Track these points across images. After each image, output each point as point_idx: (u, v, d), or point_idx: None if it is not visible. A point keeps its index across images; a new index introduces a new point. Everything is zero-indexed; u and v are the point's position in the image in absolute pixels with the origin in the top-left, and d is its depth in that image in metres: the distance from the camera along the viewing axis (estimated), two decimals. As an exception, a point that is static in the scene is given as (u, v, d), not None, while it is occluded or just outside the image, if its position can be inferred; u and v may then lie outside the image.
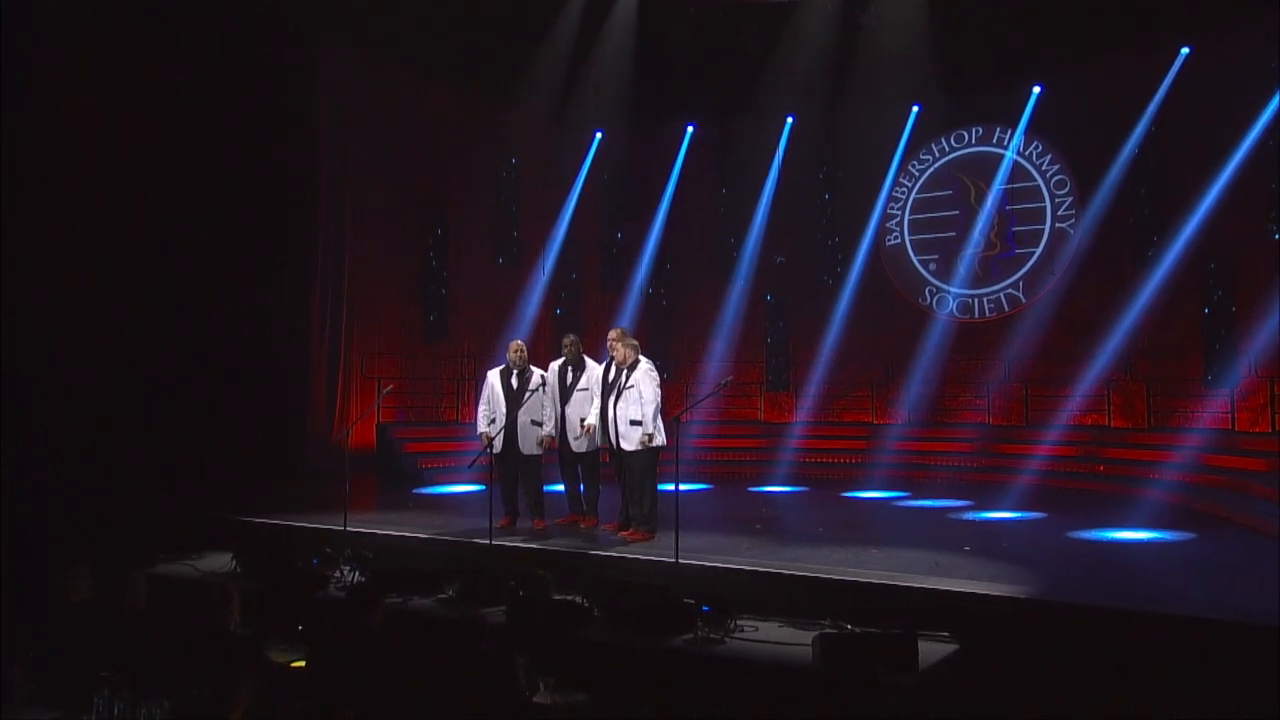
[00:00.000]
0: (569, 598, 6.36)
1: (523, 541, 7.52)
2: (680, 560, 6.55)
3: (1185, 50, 12.25)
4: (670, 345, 15.45)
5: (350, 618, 4.95)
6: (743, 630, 5.75)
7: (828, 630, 5.51)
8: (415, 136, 13.25)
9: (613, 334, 8.01)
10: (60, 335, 9.86)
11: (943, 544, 7.65)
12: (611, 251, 15.81)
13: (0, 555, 6.27)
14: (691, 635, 5.69)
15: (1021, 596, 5.82)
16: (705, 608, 5.79)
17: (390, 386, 9.20)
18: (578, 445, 8.14)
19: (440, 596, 6.67)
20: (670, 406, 9.24)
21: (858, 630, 5.49)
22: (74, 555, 5.89)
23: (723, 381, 7.19)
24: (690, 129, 15.40)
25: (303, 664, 4.90)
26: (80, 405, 9.93)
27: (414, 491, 10.98)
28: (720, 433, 14.09)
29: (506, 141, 14.61)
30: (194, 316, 11.10)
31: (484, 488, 8.39)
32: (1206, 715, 4.68)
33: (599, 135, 15.21)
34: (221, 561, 7.58)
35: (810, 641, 5.26)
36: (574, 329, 11.48)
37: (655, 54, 13.68)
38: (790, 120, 14.90)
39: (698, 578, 6.46)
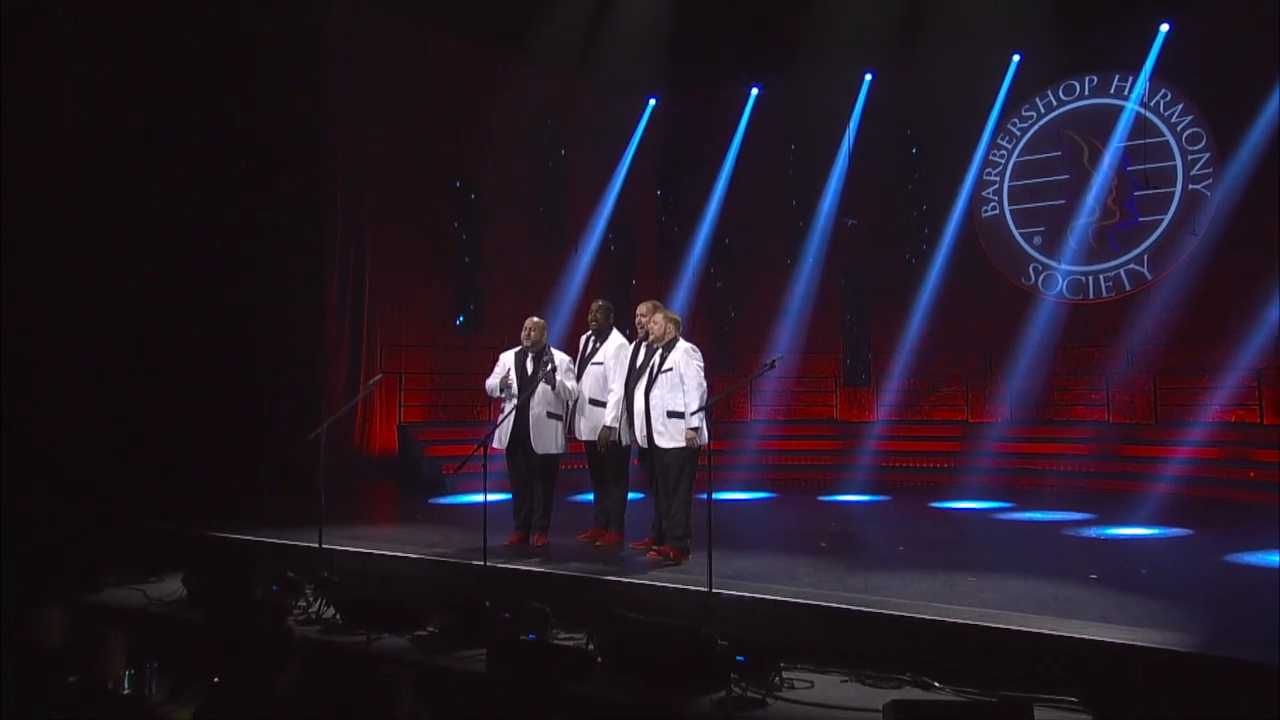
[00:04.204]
0: (572, 637, 5.30)
1: (525, 564, 6.38)
2: (715, 589, 5.32)
3: (1354, -33, 10.55)
4: (735, 335, 14.68)
5: (249, 672, 3.84)
6: (793, 687, 4.66)
7: (907, 692, 4.51)
8: (442, 103, 12.45)
9: (643, 307, 6.84)
10: (33, 327, 9.25)
11: (1061, 570, 6.45)
12: (661, 219, 15.03)
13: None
14: (723, 693, 4.55)
15: (1178, 649, 4.49)
16: (741, 657, 4.55)
17: (378, 377, 8.25)
18: (587, 433, 7.01)
19: (419, 634, 5.57)
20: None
21: (949, 692, 4.50)
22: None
23: (768, 363, 5.91)
24: (754, 92, 14.52)
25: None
26: (60, 408, 9.38)
27: (430, 501, 10.02)
28: (788, 433, 13.27)
29: (549, 110, 13.89)
30: (195, 307, 10.51)
31: (510, 496, 7.43)
32: None
33: (652, 102, 14.52)
34: (177, 585, 6.60)
35: (881, 707, 4.11)
36: (622, 314, 10.42)
37: (712, 8, 12.60)
38: (869, 77, 13.95)
39: (736, 613, 5.31)
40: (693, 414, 6.19)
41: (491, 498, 9.61)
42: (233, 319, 10.78)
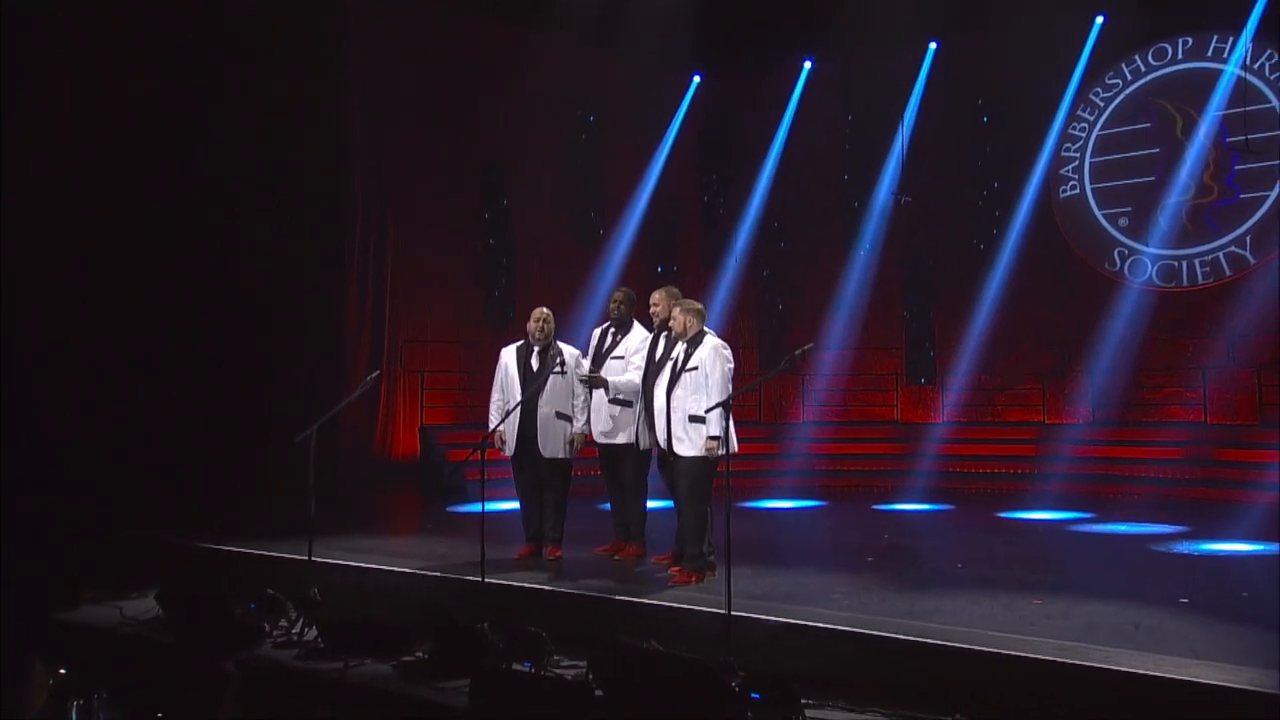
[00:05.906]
0: (575, 665, 4.93)
1: (527, 581, 6.00)
2: (735, 612, 4.90)
3: None
4: (784, 328, 14.27)
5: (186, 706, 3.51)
6: (819, 729, 4.28)
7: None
8: (467, 83, 12.19)
9: (657, 295, 6.50)
10: (33, 327, 9.24)
11: (1145, 593, 6.01)
12: (705, 201, 14.72)
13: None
14: (737, 735, 4.15)
15: (1286, 693, 3.97)
16: (756, 694, 4.12)
17: (375, 374, 8.02)
18: (604, 435, 6.72)
19: (405, 660, 5.24)
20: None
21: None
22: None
23: (797, 352, 5.45)
24: (807, 65, 14.11)
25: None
26: (60, 411, 9.35)
27: (449, 509, 9.80)
28: (842, 435, 12.93)
29: (583, 87, 13.58)
30: (202, 306, 10.39)
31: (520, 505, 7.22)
32: None
33: (697, 78, 14.28)
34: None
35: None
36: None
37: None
38: (934, 47, 13.43)
39: (757, 640, 4.90)
40: (709, 410, 5.73)
41: (508, 506, 9.37)
42: (244, 317, 10.66)
